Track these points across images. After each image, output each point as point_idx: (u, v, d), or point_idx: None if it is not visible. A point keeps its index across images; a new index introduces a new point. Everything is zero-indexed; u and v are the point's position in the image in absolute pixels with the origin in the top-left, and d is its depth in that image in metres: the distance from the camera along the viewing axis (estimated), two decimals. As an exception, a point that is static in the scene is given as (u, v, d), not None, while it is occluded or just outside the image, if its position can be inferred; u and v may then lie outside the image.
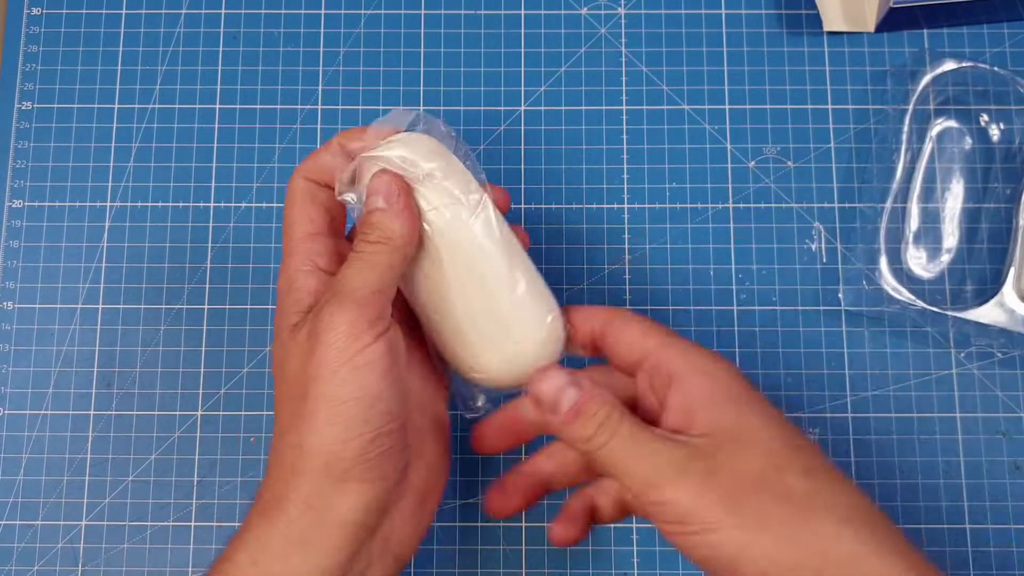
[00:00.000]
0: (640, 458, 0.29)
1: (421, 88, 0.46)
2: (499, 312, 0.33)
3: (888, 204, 0.43)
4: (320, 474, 0.29)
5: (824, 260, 0.44)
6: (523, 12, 0.47)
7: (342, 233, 0.35)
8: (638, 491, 0.29)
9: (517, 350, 0.33)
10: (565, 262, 0.44)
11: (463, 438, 0.43)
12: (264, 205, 0.45)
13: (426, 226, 0.33)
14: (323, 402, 0.29)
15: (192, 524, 0.42)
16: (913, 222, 0.43)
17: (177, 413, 0.43)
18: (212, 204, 0.45)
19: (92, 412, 0.43)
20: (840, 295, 0.43)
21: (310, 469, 0.29)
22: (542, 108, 0.46)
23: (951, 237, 0.43)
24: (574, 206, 0.45)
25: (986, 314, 0.41)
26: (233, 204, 0.45)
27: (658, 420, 0.32)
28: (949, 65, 0.44)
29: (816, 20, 0.46)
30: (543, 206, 0.45)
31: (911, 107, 0.44)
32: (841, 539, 0.27)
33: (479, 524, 0.42)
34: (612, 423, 0.30)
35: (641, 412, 0.33)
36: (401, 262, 0.32)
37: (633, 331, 0.33)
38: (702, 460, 0.29)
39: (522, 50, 0.46)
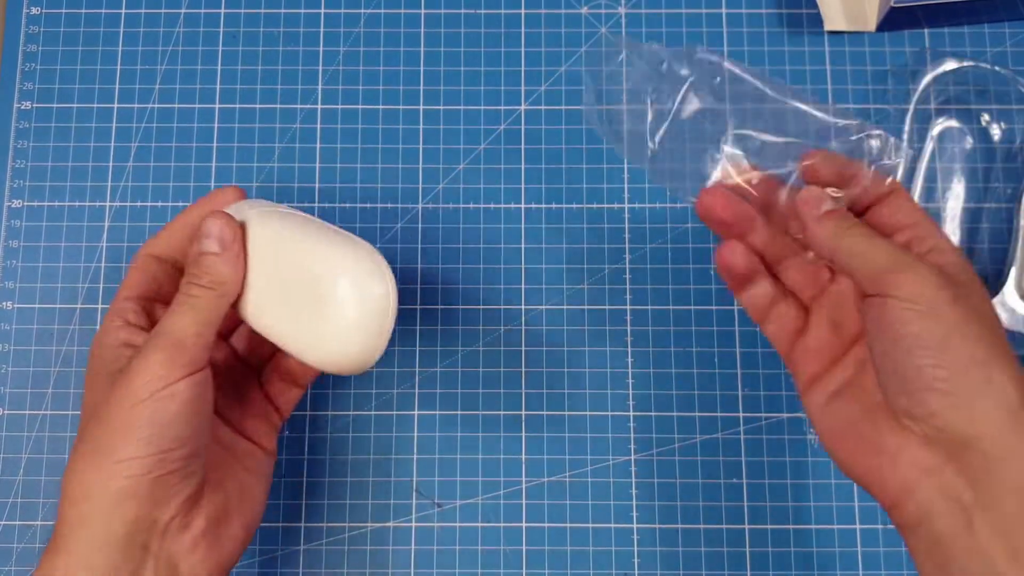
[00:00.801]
0: (880, 247, 0.30)
1: (421, 88, 0.46)
2: (312, 300, 0.33)
3: (889, 204, 0.43)
4: (99, 496, 0.30)
5: (825, 260, 0.44)
6: (523, 12, 0.47)
7: (166, 300, 0.35)
8: (876, 273, 0.30)
9: (339, 335, 0.33)
10: (565, 262, 0.44)
11: (465, 437, 0.43)
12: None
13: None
14: (118, 428, 0.30)
15: (192, 524, 0.42)
16: (914, 222, 0.43)
17: (177, 413, 0.43)
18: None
19: (92, 412, 0.43)
20: (841, 295, 0.43)
21: (90, 494, 0.30)
22: (542, 108, 0.46)
23: (952, 237, 0.43)
24: (574, 206, 0.45)
25: (987, 314, 0.41)
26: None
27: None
28: (950, 65, 0.44)
29: (817, 19, 0.46)
30: (543, 206, 0.45)
31: (912, 107, 0.44)
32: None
33: (479, 524, 0.42)
34: (858, 223, 0.32)
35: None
36: (225, 306, 0.33)
37: (907, 210, 0.32)
38: (945, 277, 0.29)
39: (522, 50, 0.46)
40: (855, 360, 0.32)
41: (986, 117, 0.44)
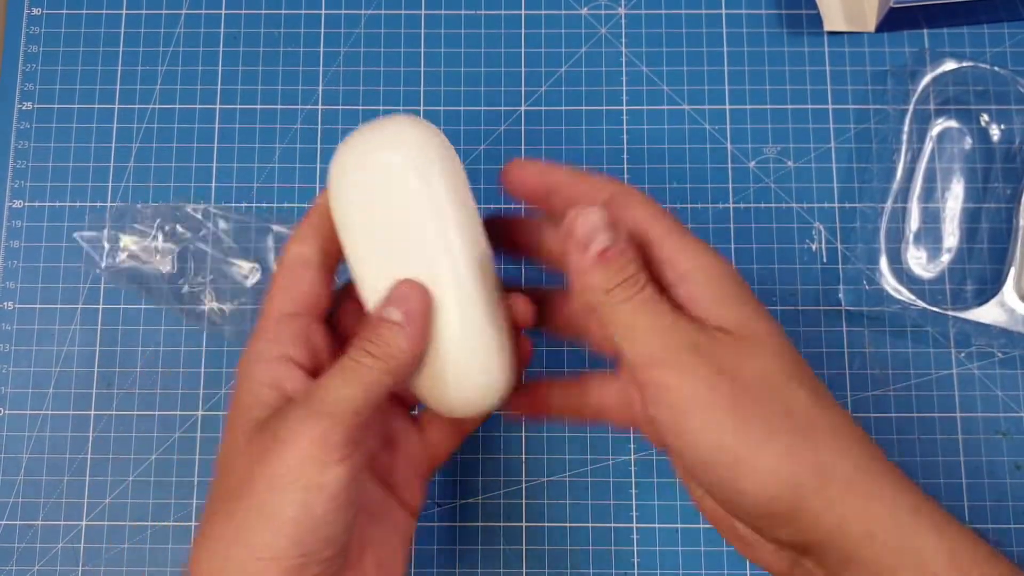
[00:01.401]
0: (654, 329, 0.27)
1: (421, 88, 0.46)
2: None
3: (888, 204, 0.43)
4: None
5: (824, 260, 0.44)
6: (523, 12, 0.47)
7: (323, 316, 0.32)
8: (641, 364, 0.27)
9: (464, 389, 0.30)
10: (565, 262, 0.44)
11: (472, 438, 0.43)
12: (264, 205, 0.45)
13: None
14: (259, 516, 0.26)
15: (192, 524, 0.42)
16: (913, 222, 0.43)
17: (178, 413, 0.43)
18: (212, 204, 0.45)
19: (92, 412, 0.43)
20: (840, 295, 0.43)
21: None
22: (542, 108, 0.46)
23: (951, 237, 0.43)
24: (574, 206, 0.45)
25: (986, 314, 0.41)
26: (233, 204, 0.45)
27: None
28: (949, 65, 0.44)
29: (816, 20, 0.46)
30: (543, 206, 0.45)
31: (911, 107, 0.44)
32: (844, 459, 0.26)
33: (479, 524, 0.42)
34: (638, 282, 0.28)
35: None
36: (395, 384, 0.28)
37: (639, 213, 0.30)
38: (716, 354, 0.27)
39: (522, 50, 0.46)
40: None
41: (985, 117, 0.44)
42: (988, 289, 0.42)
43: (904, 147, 0.44)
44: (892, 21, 0.45)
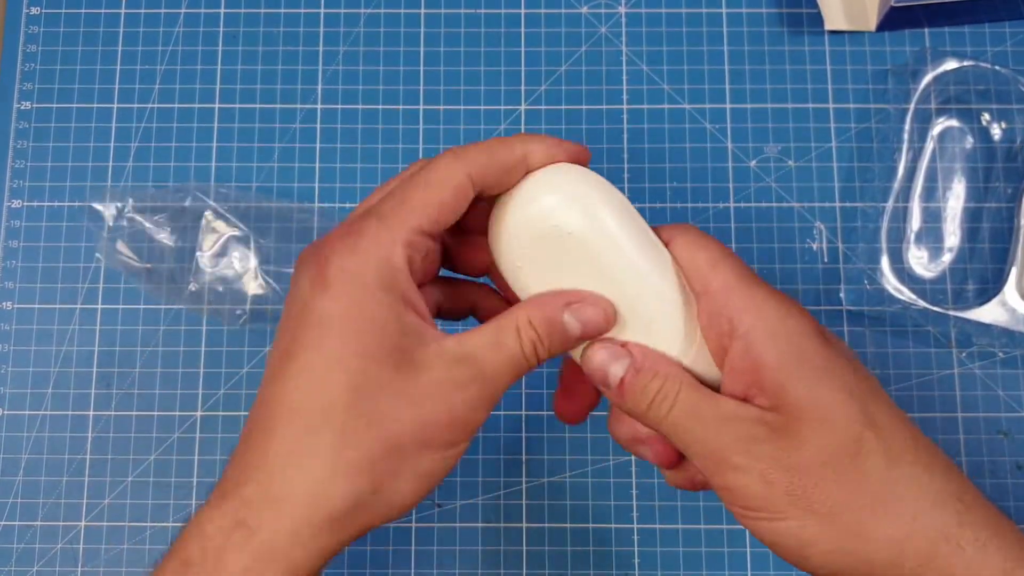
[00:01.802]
0: (704, 434, 0.27)
1: (421, 88, 0.46)
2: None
3: (890, 203, 0.43)
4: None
5: (825, 259, 0.44)
6: (523, 11, 0.47)
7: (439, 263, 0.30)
8: (705, 470, 0.27)
9: None
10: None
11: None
12: (264, 204, 0.45)
13: None
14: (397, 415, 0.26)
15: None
16: (915, 221, 0.43)
17: (177, 414, 0.43)
18: (211, 204, 0.45)
19: (91, 412, 0.43)
20: (842, 294, 0.43)
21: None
22: (542, 107, 0.46)
23: (953, 236, 0.43)
24: (574, 206, 0.45)
25: (988, 313, 0.41)
26: (232, 204, 0.45)
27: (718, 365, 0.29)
28: (950, 64, 0.44)
29: (817, 19, 0.46)
30: (543, 206, 0.45)
31: (912, 106, 0.44)
32: (921, 530, 0.25)
33: (479, 525, 0.42)
34: (669, 394, 0.27)
35: None
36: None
37: (700, 257, 0.28)
38: (770, 442, 0.26)
39: (522, 49, 0.46)
40: None
41: (986, 116, 0.44)
42: (989, 289, 0.42)
43: (905, 146, 0.44)
44: (893, 20, 0.45)
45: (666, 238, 0.29)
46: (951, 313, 0.41)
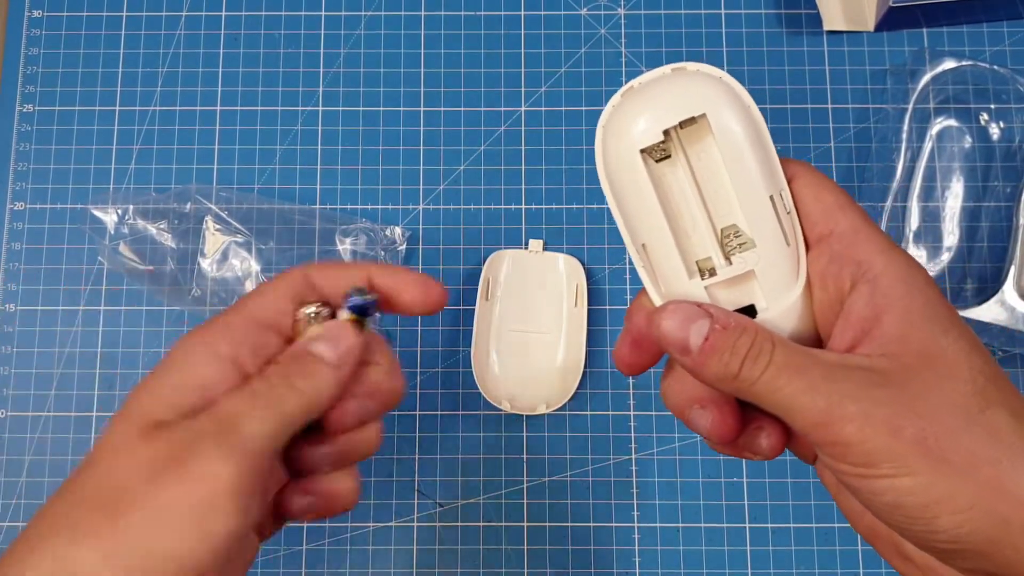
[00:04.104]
0: (808, 391, 0.24)
1: (421, 89, 0.46)
2: None
3: (888, 203, 0.43)
4: None
5: (824, 259, 0.44)
6: (523, 13, 0.47)
7: (288, 342, 0.28)
8: (810, 431, 0.24)
9: None
10: (566, 262, 0.44)
11: (466, 437, 0.43)
12: (265, 206, 0.45)
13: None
14: (140, 538, 0.22)
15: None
16: (913, 221, 0.44)
17: (179, 414, 0.43)
18: (213, 207, 0.45)
19: (95, 414, 0.43)
20: (841, 294, 0.43)
21: None
22: (542, 108, 0.46)
23: (951, 236, 0.43)
24: (574, 206, 0.45)
25: (987, 312, 0.41)
26: (235, 206, 0.45)
27: (825, 323, 0.26)
28: (949, 64, 0.44)
29: (816, 19, 0.46)
30: (543, 206, 0.45)
31: (911, 106, 0.44)
32: None
33: (480, 524, 0.42)
34: (764, 349, 0.24)
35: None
36: (304, 422, 0.25)
37: (827, 198, 0.26)
38: (891, 388, 0.23)
39: (522, 51, 0.47)
40: None
41: (985, 116, 0.44)
42: (988, 288, 0.42)
43: (904, 146, 0.44)
44: (891, 20, 0.45)
45: (790, 174, 0.27)
46: (950, 312, 0.42)
